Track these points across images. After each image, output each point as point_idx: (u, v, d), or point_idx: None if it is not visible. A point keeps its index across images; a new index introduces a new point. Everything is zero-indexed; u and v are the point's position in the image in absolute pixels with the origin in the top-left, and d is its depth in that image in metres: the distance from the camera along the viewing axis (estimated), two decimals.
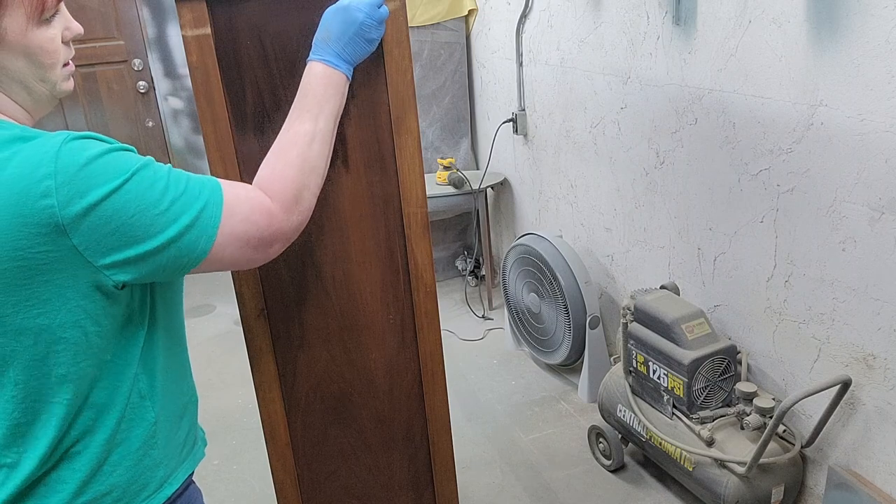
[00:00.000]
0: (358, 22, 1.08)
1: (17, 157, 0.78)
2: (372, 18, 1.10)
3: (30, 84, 0.86)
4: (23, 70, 0.85)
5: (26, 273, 0.78)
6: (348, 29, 1.08)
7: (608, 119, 2.61)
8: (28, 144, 0.79)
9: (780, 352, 2.01)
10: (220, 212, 0.89)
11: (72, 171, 0.78)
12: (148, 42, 4.14)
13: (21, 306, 0.80)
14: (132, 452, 0.92)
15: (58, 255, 0.78)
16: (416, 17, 3.49)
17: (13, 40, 0.83)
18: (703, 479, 1.95)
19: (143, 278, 0.86)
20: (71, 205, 0.77)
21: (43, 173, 0.76)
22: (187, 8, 1.13)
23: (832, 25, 1.65)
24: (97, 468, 0.89)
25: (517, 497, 2.29)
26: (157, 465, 0.95)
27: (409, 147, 1.27)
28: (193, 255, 0.87)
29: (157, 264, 0.85)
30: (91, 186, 0.79)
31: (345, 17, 1.08)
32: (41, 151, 0.78)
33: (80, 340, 0.84)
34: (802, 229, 1.84)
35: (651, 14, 2.26)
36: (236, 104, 1.21)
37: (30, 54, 0.85)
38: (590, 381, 2.73)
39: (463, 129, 3.85)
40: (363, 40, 1.10)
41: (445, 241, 3.97)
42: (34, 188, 0.76)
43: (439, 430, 1.46)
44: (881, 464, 1.76)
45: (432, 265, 1.34)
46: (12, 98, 0.86)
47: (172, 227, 0.84)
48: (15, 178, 0.76)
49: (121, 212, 0.81)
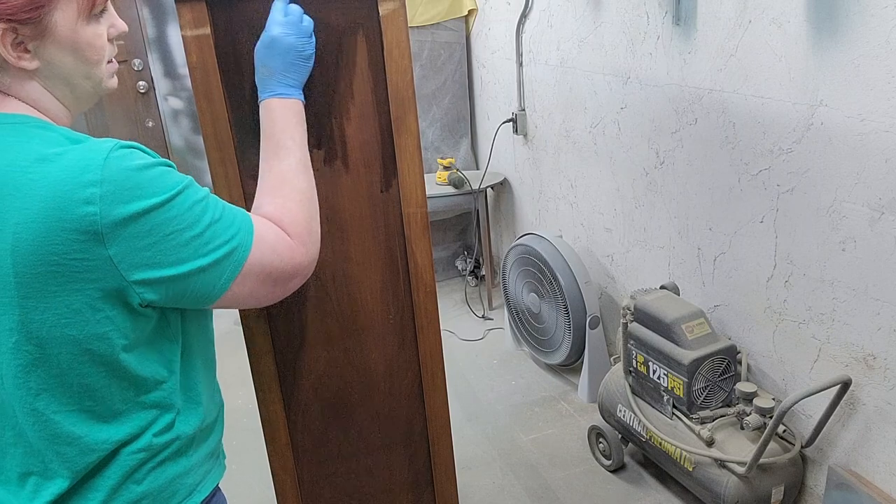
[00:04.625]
0: (290, 47, 1.09)
1: (63, 159, 0.76)
2: (300, 37, 1.10)
3: (74, 80, 0.86)
4: (69, 66, 0.84)
5: (58, 280, 0.77)
6: (285, 58, 1.08)
7: (608, 119, 2.61)
8: (76, 147, 0.78)
9: (780, 352, 2.01)
10: (251, 242, 0.88)
11: (118, 180, 0.77)
12: (148, 42, 4.14)
13: (50, 314, 0.78)
14: (164, 462, 0.91)
15: (92, 263, 0.77)
16: (416, 17, 3.49)
17: (63, 35, 0.82)
18: (703, 479, 1.95)
19: (167, 302, 0.84)
20: (113, 213, 0.76)
21: (89, 179, 0.75)
22: (187, 8, 1.13)
23: (832, 25, 1.65)
24: (128, 476, 0.88)
25: (517, 497, 2.29)
26: (187, 472, 0.94)
27: (409, 147, 1.27)
28: (219, 284, 0.86)
29: (184, 289, 0.84)
30: (135, 197, 0.78)
31: (277, 48, 1.08)
32: (88, 157, 0.77)
33: (107, 353, 0.82)
34: (802, 229, 1.84)
35: (651, 14, 2.26)
36: (236, 104, 1.21)
37: (77, 50, 0.84)
38: (590, 381, 2.73)
39: (463, 129, 3.85)
40: (301, 61, 1.11)
41: (445, 241, 3.97)
42: (78, 193, 0.75)
43: (439, 430, 1.45)
44: (881, 464, 1.76)
45: (432, 265, 1.34)
46: (54, 94, 0.85)
47: (205, 253, 0.84)
48: (60, 181, 0.75)
49: (160, 228, 0.80)
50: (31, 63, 0.81)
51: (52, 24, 0.81)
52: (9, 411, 0.83)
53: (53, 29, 0.81)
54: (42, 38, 0.81)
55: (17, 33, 0.79)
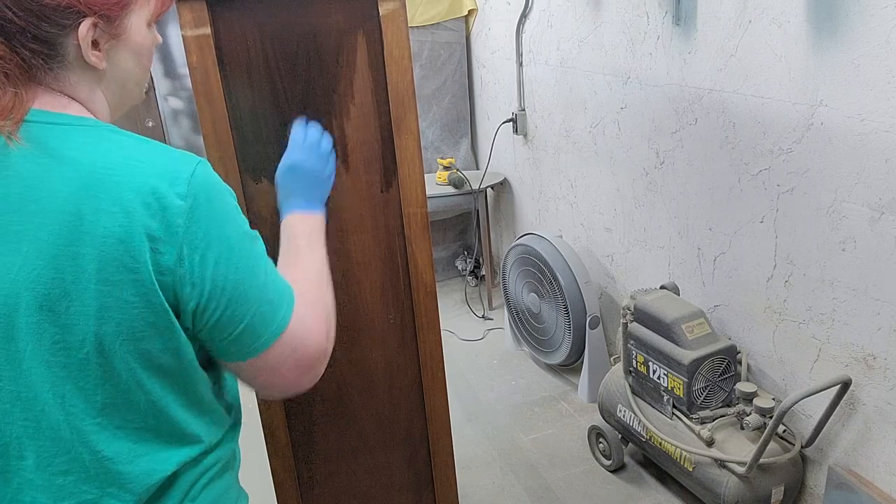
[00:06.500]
0: (310, 171, 1.11)
1: (150, 167, 0.75)
2: (320, 160, 1.12)
3: (127, 84, 0.86)
4: (130, 69, 0.84)
5: (137, 289, 0.74)
6: (305, 180, 1.10)
7: (608, 119, 2.61)
8: (160, 154, 0.77)
9: (780, 352, 2.01)
10: (292, 309, 0.86)
11: (203, 196, 0.76)
12: None
13: (125, 327, 0.76)
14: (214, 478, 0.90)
15: (168, 277, 0.75)
16: (416, 17, 3.49)
17: (133, 39, 0.83)
18: (703, 479, 1.95)
19: (205, 333, 0.82)
20: (196, 227, 0.75)
21: (177, 192, 0.75)
22: (187, 8, 1.13)
23: (832, 25, 1.65)
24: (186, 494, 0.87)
25: (517, 497, 2.29)
26: (230, 487, 0.94)
27: (409, 147, 1.27)
28: (257, 342, 0.84)
29: (227, 333, 0.82)
30: (217, 218, 0.78)
31: (298, 173, 1.11)
32: (177, 168, 0.76)
33: (176, 368, 0.81)
34: (802, 229, 1.84)
35: (651, 14, 2.26)
36: (236, 104, 1.21)
37: (140, 55, 0.85)
38: (590, 381, 2.73)
39: (463, 129, 3.85)
40: (320, 181, 1.13)
41: (445, 241, 3.97)
42: (166, 201, 0.74)
43: (439, 430, 1.45)
44: (881, 464, 1.76)
45: (432, 265, 1.34)
46: (107, 98, 0.84)
47: (258, 302, 0.82)
48: (149, 188, 0.74)
49: (230, 259, 0.79)
50: (103, 63, 0.81)
51: (128, 26, 0.82)
52: (64, 435, 0.78)
53: (128, 31, 0.82)
54: (117, 39, 0.81)
55: (97, 30, 0.79)
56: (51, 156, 0.75)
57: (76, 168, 0.74)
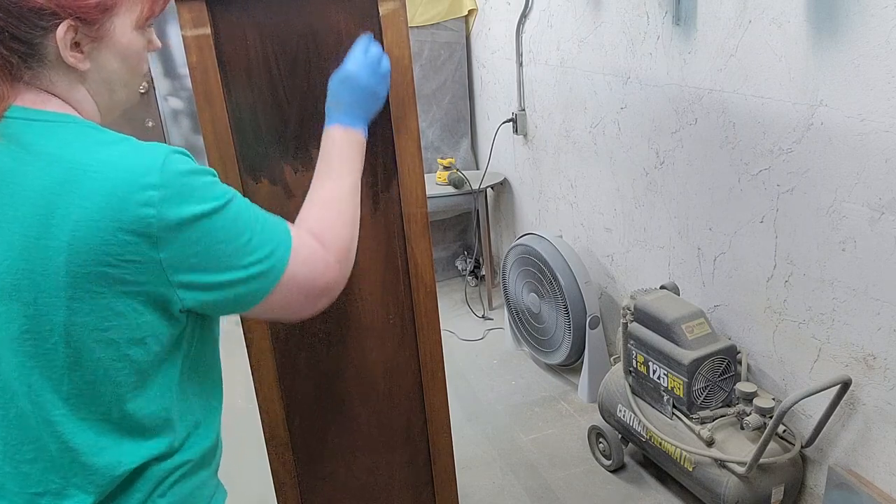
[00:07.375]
0: (364, 86, 1.12)
1: (124, 160, 0.76)
2: (375, 78, 1.13)
3: (115, 87, 0.86)
4: (115, 72, 0.85)
5: (108, 281, 0.76)
6: (356, 93, 1.12)
7: (608, 119, 2.61)
8: (132, 148, 0.78)
9: (780, 352, 2.01)
10: (289, 254, 0.88)
11: (175, 185, 0.77)
12: None
13: (94, 317, 0.77)
14: (186, 475, 0.90)
15: (143, 266, 0.77)
16: (416, 17, 3.49)
17: (117, 41, 0.83)
18: (703, 479, 1.95)
19: (203, 308, 0.84)
20: (168, 217, 0.76)
21: (148, 182, 0.75)
22: (187, 8, 1.13)
23: (832, 25, 1.65)
24: (153, 490, 0.87)
25: (517, 497, 2.29)
26: (204, 484, 0.94)
27: (409, 147, 1.27)
28: (258, 294, 0.86)
29: (225, 296, 0.84)
30: (190, 201, 0.78)
31: (351, 84, 1.11)
32: (148, 159, 0.77)
33: (144, 360, 0.82)
34: (802, 229, 1.84)
35: (651, 14, 2.26)
36: (236, 104, 1.21)
37: (126, 57, 0.85)
38: (590, 381, 2.73)
39: (463, 129, 3.85)
40: (372, 99, 1.14)
41: (445, 241, 3.97)
42: (136, 195, 0.75)
43: (439, 430, 1.45)
44: (881, 464, 1.76)
45: (432, 265, 1.34)
46: (95, 98, 0.85)
47: (248, 263, 0.84)
48: (121, 181, 0.75)
49: (210, 235, 0.80)
50: (84, 64, 0.82)
51: (111, 29, 0.82)
52: (31, 423, 0.80)
53: (111, 33, 0.82)
54: (99, 41, 0.82)
55: (78, 32, 0.79)
56: (28, 151, 0.77)
57: (51, 162, 0.76)
